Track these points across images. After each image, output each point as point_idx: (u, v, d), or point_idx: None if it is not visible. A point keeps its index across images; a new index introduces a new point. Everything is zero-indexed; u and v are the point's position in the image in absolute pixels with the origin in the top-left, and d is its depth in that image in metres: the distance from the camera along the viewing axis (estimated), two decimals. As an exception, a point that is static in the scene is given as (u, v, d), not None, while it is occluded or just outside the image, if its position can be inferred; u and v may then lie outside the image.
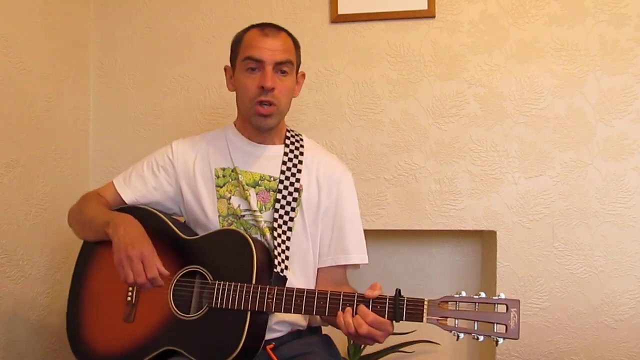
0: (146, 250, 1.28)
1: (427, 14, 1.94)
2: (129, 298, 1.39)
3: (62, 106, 1.98)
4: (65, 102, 2.00)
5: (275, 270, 1.34)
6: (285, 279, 1.35)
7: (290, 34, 1.45)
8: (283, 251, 1.38)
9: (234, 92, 1.47)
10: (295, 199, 1.42)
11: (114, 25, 2.14)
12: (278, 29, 1.43)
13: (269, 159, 1.46)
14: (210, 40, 2.08)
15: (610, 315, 1.87)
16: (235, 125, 1.51)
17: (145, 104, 2.13)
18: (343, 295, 1.24)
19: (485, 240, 2.09)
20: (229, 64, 1.49)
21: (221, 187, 1.44)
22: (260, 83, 1.36)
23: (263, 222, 1.40)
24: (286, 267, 1.36)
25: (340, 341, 1.60)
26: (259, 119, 1.40)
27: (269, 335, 1.35)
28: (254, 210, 1.40)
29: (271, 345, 1.36)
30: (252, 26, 1.45)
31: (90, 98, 2.15)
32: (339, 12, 1.99)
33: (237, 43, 1.45)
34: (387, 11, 1.96)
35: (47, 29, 1.90)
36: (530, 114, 1.91)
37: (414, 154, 1.97)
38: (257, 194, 1.43)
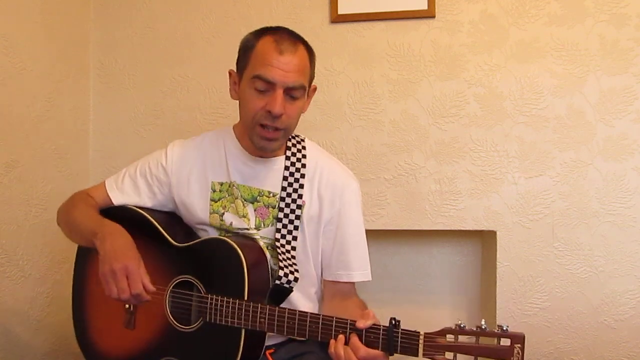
0: (131, 264, 1.21)
1: (427, 14, 1.94)
2: (127, 305, 1.35)
3: (62, 106, 1.98)
4: (65, 102, 2.00)
5: (278, 282, 1.30)
6: (289, 290, 1.32)
7: (306, 46, 1.32)
8: (291, 265, 1.34)
9: (231, 98, 1.41)
10: (298, 217, 1.36)
11: (114, 25, 2.14)
12: (294, 41, 1.29)
13: (269, 174, 1.39)
14: (210, 40, 2.08)
15: (610, 315, 1.87)
16: (234, 131, 1.44)
17: (145, 104, 2.12)
18: (335, 321, 1.18)
19: (485, 240, 2.09)
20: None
21: (216, 202, 1.39)
22: (268, 107, 1.26)
23: (260, 240, 1.36)
24: (296, 279, 1.32)
25: (340, 341, 1.61)
26: (262, 142, 1.31)
27: (269, 341, 1.34)
28: (250, 228, 1.36)
29: (271, 350, 1.36)
30: (265, 32, 1.31)
31: (90, 98, 2.15)
32: (339, 12, 1.99)
33: (248, 50, 1.31)
34: (387, 11, 1.96)
35: (47, 29, 1.90)
36: (530, 114, 1.91)
37: (414, 154, 1.97)
38: (255, 210, 1.38)
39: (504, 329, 1.06)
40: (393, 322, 1.13)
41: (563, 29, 1.89)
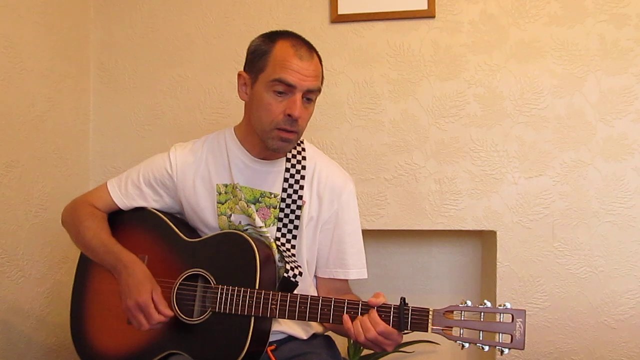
0: (141, 299, 1.27)
1: (427, 14, 1.94)
2: None
3: (62, 106, 1.98)
4: (65, 102, 2.00)
5: (286, 274, 1.33)
6: (296, 284, 1.34)
7: (318, 54, 1.37)
8: (294, 261, 1.37)
9: (240, 99, 1.41)
10: (298, 217, 1.39)
11: (114, 25, 2.14)
12: (310, 49, 1.34)
13: (270, 175, 1.41)
14: (210, 40, 2.08)
15: (610, 315, 1.87)
16: (236, 133, 1.45)
17: (145, 104, 2.13)
18: (347, 303, 1.24)
19: (485, 240, 2.09)
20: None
21: (222, 204, 1.41)
22: (287, 110, 1.29)
23: (270, 238, 1.38)
24: (300, 274, 1.35)
25: (341, 341, 1.60)
26: (278, 143, 1.32)
27: (270, 338, 1.35)
28: (260, 227, 1.38)
29: (272, 347, 1.36)
30: (280, 37, 1.34)
31: (90, 98, 2.15)
32: (339, 12, 1.99)
33: (264, 55, 1.32)
34: (387, 11, 1.96)
35: (47, 28, 1.90)
36: (530, 114, 1.91)
37: (414, 154, 1.97)
38: (257, 211, 1.39)
39: (506, 306, 1.16)
40: (403, 301, 1.20)
41: (563, 29, 1.89)
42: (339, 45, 2.01)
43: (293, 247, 1.39)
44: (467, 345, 1.16)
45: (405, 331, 1.21)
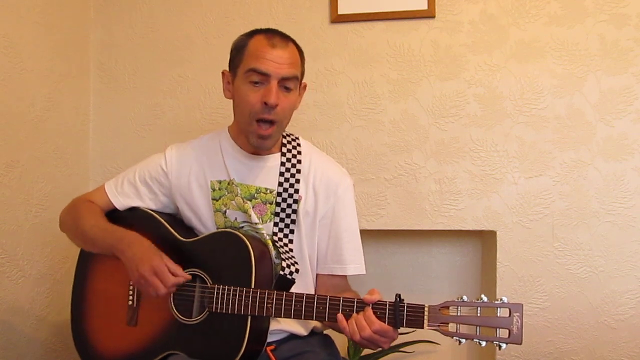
0: (155, 262, 1.26)
1: (427, 14, 1.94)
2: (130, 302, 1.38)
3: (62, 106, 1.98)
4: (65, 102, 2.00)
5: (282, 272, 1.33)
6: (292, 281, 1.34)
7: (296, 44, 1.38)
8: (291, 257, 1.37)
9: (225, 97, 1.43)
10: (294, 211, 1.39)
11: (114, 25, 2.14)
12: (285, 38, 1.36)
13: (265, 171, 1.42)
14: (210, 40, 2.08)
15: (610, 315, 1.87)
16: (230, 132, 1.47)
17: (145, 104, 2.13)
18: (342, 300, 1.24)
19: (485, 240, 2.09)
20: (227, 67, 1.44)
21: (217, 200, 1.41)
22: (263, 99, 1.30)
23: (266, 235, 1.38)
24: (297, 271, 1.35)
25: (340, 341, 1.60)
26: (258, 140, 1.35)
27: (270, 338, 1.35)
28: (255, 223, 1.38)
29: (272, 347, 1.36)
30: (256, 32, 1.37)
31: (90, 98, 2.15)
32: (339, 12, 1.99)
33: (240, 50, 1.37)
34: (387, 11, 1.96)
35: (47, 28, 1.90)
36: (530, 114, 1.91)
37: (414, 154, 1.97)
38: (253, 207, 1.39)
39: (503, 300, 1.15)
40: (398, 297, 1.20)
41: (563, 29, 1.89)
42: (339, 45, 2.01)
43: (291, 241, 1.39)
44: (463, 341, 1.14)
45: (402, 330, 1.20)
